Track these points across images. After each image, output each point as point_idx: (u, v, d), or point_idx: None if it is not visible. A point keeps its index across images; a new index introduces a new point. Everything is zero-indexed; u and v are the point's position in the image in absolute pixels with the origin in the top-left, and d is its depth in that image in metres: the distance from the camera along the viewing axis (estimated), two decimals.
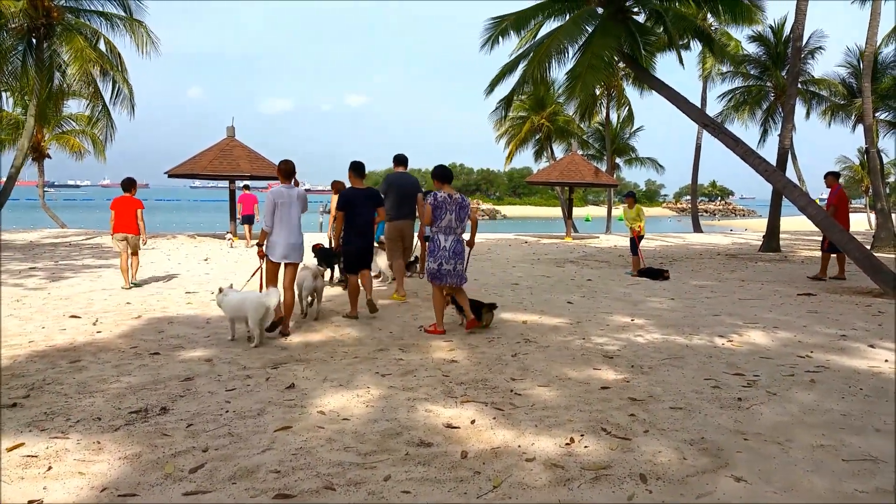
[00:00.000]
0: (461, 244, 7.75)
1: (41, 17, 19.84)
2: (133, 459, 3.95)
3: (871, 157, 23.30)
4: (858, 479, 3.68)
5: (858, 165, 47.49)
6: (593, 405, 4.98)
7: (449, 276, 7.63)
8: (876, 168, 23.26)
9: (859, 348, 6.91)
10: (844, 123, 34.07)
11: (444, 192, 7.71)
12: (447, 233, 7.61)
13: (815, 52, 32.01)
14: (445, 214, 7.58)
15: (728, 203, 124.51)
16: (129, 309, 9.07)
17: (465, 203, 7.80)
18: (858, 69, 29.23)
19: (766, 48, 32.26)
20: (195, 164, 21.85)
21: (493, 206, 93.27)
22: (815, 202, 13.37)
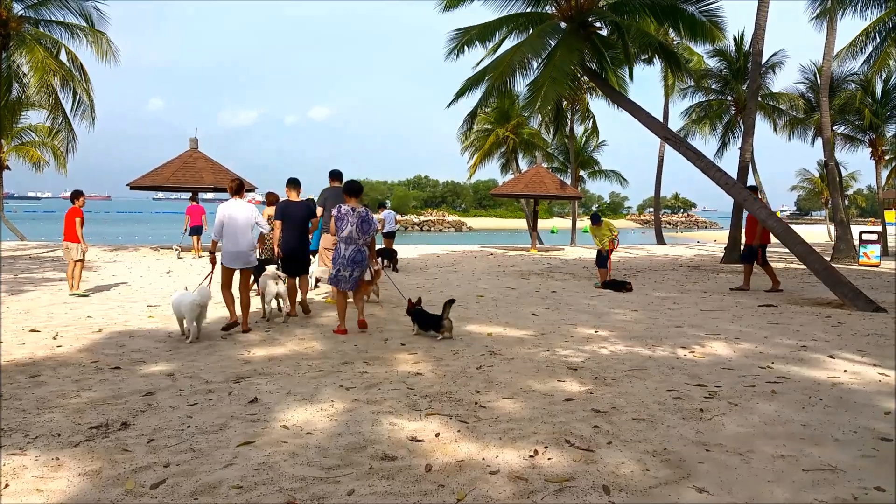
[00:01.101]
0: (361, 254, 8.43)
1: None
2: (93, 475, 3.86)
3: (829, 169, 23.93)
4: (818, 488, 3.74)
5: (818, 178, 48.63)
6: (557, 417, 5.01)
7: (343, 282, 8.41)
8: (835, 180, 23.87)
9: (819, 359, 7.05)
10: (803, 138, 34.95)
11: (350, 205, 8.41)
12: (347, 242, 8.35)
13: (775, 68, 32.80)
14: (346, 226, 8.28)
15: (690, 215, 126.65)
16: (89, 323, 8.89)
17: (368, 217, 8.48)
18: (816, 84, 30.01)
19: (727, 63, 32.97)
20: (157, 175, 21.58)
21: (458, 218, 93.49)
22: (776, 215, 13.68)
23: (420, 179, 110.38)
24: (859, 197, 72.07)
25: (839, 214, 23.52)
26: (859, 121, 31.04)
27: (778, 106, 34.88)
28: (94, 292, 11.89)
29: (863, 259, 20.82)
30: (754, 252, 13.40)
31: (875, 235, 21.21)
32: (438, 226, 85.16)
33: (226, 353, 7.16)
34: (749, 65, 24.08)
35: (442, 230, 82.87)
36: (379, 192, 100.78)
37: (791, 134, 34.88)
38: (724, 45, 31.81)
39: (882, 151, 32.37)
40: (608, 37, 16.71)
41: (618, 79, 20.53)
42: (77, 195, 11.94)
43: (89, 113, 21.56)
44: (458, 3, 17.22)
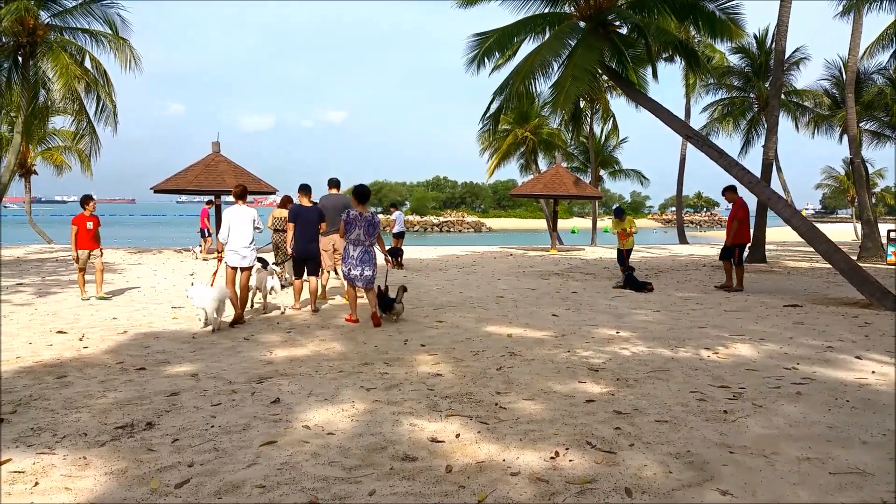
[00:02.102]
0: (368, 254, 9.14)
1: (26, 35, 19.81)
2: (119, 475, 3.92)
3: (855, 167, 23.56)
4: (845, 492, 3.69)
5: (844, 176, 47.96)
6: (578, 419, 4.99)
7: (357, 280, 9.11)
8: (861, 178, 23.50)
9: (846, 360, 6.96)
10: (828, 135, 34.48)
11: (357, 210, 9.07)
12: (355, 244, 9.04)
13: (798, 64, 32.41)
14: (354, 229, 8.98)
15: (713, 214, 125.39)
16: (115, 324, 9.01)
17: (374, 221, 9.13)
18: (841, 80, 29.60)
19: (749, 60, 32.63)
20: (181, 179, 21.79)
21: (478, 218, 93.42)
22: (800, 213, 13.51)
23: (439, 180, 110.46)
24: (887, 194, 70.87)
25: (866, 212, 23.17)
26: (886, 117, 30.54)
27: (802, 103, 34.46)
28: (118, 294, 12.04)
29: (891, 258, 20.49)
30: (731, 251, 13.35)
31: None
32: (457, 227, 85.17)
33: (248, 354, 7.23)
34: (771, 62, 23.82)
35: (461, 231, 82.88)
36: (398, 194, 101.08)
37: (815, 131, 34.44)
38: (746, 42, 31.51)
39: None
40: (628, 35, 16.60)
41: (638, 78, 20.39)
42: (86, 200, 11.59)
43: (112, 118, 21.84)
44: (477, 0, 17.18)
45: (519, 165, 39.38)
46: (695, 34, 29.98)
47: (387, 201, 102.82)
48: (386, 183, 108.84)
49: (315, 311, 10.20)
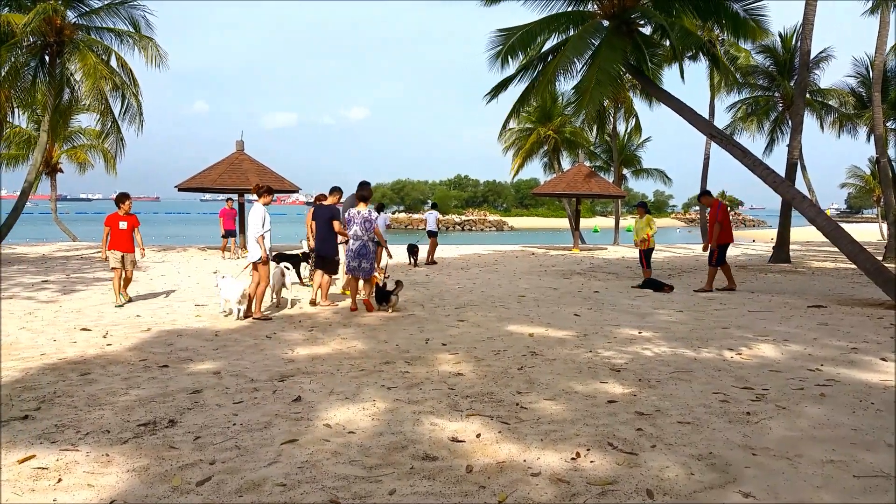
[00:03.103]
0: (366, 248, 10.19)
1: (53, 35, 20.11)
2: (141, 472, 3.96)
3: (882, 166, 23.18)
4: (869, 495, 3.64)
5: (869, 175, 47.17)
6: (600, 419, 4.97)
7: (355, 271, 10.22)
8: (887, 178, 23.12)
9: (871, 361, 6.85)
10: (853, 134, 33.97)
11: (357, 208, 10.33)
12: (354, 239, 10.21)
13: (822, 62, 31.97)
14: (353, 226, 10.22)
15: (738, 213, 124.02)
16: (138, 322, 9.12)
17: (370, 218, 10.28)
18: (868, 78, 29.14)
19: (773, 59, 32.25)
20: (205, 177, 22.02)
21: (500, 217, 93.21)
22: (825, 213, 13.32)
23: (461, 179, 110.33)
24: None
25: (892, 212, 22.76)
26: None
27: (826, 102, 33.99)
28: (142, 293, 12.16)
29: None
30: (712, 252, 13.07)
31: None
32: (480, 225, 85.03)
33: (270, 353, 7.28)
34: (797, 60, 23.52)
35: (483, 230, 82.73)
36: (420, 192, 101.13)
37: (841, 130, 33.95)
38: (771, 41, 31.12)
39: None
40: (651, 35, 16.49)
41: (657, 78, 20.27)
42: (121, 198, 10.94)
43: (138, 117, 22.09)
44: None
45: (542, 164, 39.24)
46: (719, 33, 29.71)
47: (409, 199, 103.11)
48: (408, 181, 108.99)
49: (313, 304, 10.83)
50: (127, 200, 10.95)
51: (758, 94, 34.24)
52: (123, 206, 10.90)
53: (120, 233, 10.73)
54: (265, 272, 9.61)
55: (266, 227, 9.53)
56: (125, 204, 10.92)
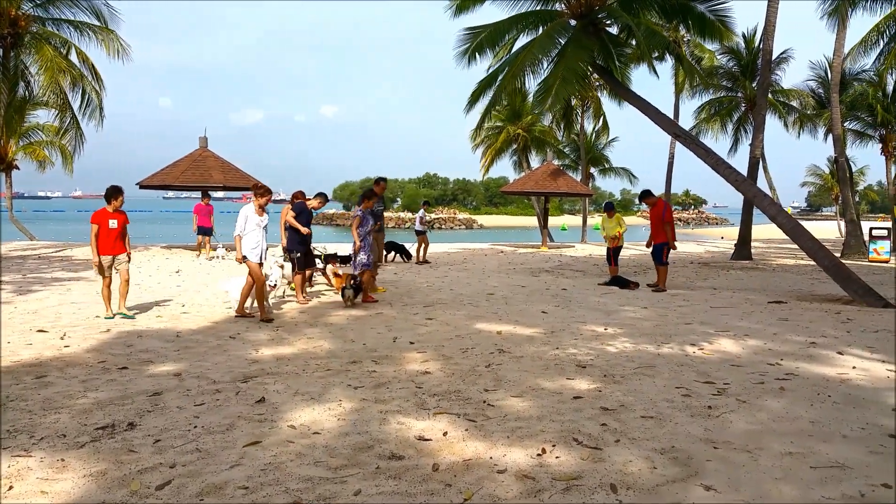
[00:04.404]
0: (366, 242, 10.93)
1: (7, 27, 19.49)
2: (98, 477, 3.87)
3: (840, 166, 23.75)
4: (826, 486, 3.71)
5: (828, 174, 48.27)
6: (565, 415, 4.99)
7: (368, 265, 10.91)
8: (845, 177, 23.70)
9: (828, 356, 6.99)
10: (813, 134, 34.77)
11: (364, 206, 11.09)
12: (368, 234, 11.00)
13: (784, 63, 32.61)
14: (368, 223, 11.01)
15: (701, 212, 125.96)
16: (97, 323, 8.92)
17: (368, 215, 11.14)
18: (827, 80, 29.81)
19: (737, 60, 32.80)
20: (167, 175, 21.66)
21: (469, 215, 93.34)
22: (786, 211, 13.57)
23: (430, 177, 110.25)
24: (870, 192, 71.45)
25: (849, 210, 23.35)
26: (870, 117, 30.82)
27: (788, 102, 34.71)
28: None
29: (873, 255, 20.68)
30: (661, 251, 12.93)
31: (885, 231, 21.06)
32: (449, 223, 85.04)
33: (234, 353, 7.17)
34: (759, 61, 23.93)
35: (453, 228, 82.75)
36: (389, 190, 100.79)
37: (801, 130, 34.71)
38: (735, 42, 31.64)
39: (893, 147, 32.10)
40: (618, 35, 16.65)
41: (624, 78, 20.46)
42: (112, 193, 9.44)
43: (98, 112, 21.56)
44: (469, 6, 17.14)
45: (512, 163, 39.45)
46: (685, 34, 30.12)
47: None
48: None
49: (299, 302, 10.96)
50: (119, 196, 9.50)
51: (721, 94, 34.81)
52: (115, 202, 9.44)
53: (109, 233, 9.41)
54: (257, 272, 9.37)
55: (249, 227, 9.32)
56: (117, 199, 9.46)
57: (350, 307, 10.34)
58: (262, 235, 9.47)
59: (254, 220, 9.38)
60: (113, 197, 9.42)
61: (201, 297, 11.51)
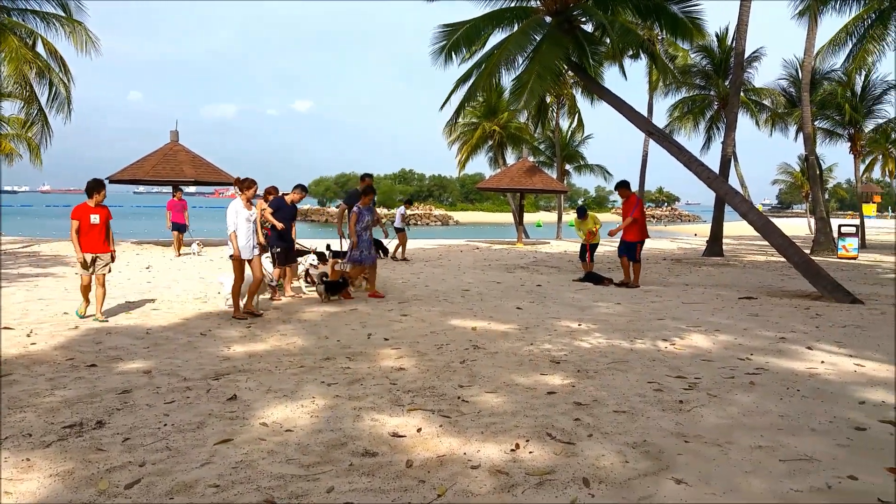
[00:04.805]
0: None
1: None
2: (65, 476, 3.80)
3: (810, 164, 24.13)
4: (794, 478, 3.76)
5: (799, 172, 49.02)
6: (539, 410, 5.00)
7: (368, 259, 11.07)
8: (815, 175, 24.07)
9: (798, 350, 7.10)
10: (784, 132, 35.26)
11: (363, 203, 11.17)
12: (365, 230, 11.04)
13: (756, 62, 33.02)
14: (365, 218, 11.01)
15: (674, 209, 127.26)
16: (65, 319, 8.77)
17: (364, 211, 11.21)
18: (798, 79, 30.24)
19: (710, 58, 33.14)
20: (138, 169, 21.34)
21: (445, 211, 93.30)
22: (757, 209, 13.75)
23: (405, 173, 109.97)
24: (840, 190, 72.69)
25: (819, 208, 23.75)
26: (839, 116, 31.32)
27: (760, 101, 35.16)
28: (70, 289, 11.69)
29: (841, 252, 21.05)
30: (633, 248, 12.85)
31: (853, 228, 21.44)
32: (425, 220, 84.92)
33: (205, 350, 7.09)
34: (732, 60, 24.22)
35: (429, 224, 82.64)
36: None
37: (773, 129, 35.18)
38: (708, 41, 31.96)
39: (861, 146, 32.68)
40: (592, 33, 16.74)
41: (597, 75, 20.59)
42: (95, 187, 8.85)
43: (66, 105, 21.14)
44: None
45: (488, 159, 39.49)
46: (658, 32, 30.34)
47: None
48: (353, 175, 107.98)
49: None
50: (102, 190, 8.90)
51: (694, 93, 35.15)
52: (97, 196, 8.85)
53: (91, 228, 8.81)
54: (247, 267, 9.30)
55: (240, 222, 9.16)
56: (99, 193, 8.87)
57: (326, 303, 10.31)
58: (251, 229, 9.38)
59: (243, 215, 9.23)
60: (95, 191, 8.84)
61: (172, 293, 11.37)
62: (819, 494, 3.56)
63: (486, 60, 16.04)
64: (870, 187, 32.18)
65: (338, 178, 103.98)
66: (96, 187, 8.85)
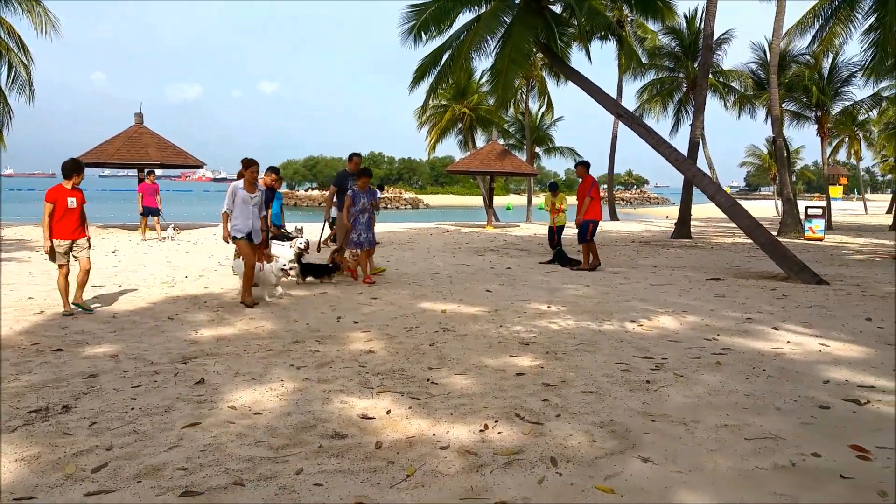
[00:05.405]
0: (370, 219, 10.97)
1: None
2: (31, 461, 3.75)
3: (777, 146, 24.45)
4: (759, 456, 3.84)
5: (766, 154, 49.70)
6: (508, 392, 5.04)
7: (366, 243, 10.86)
8: (782, 156, 24.41)
9: (763, 331, 7.23)
10: (752, 115, 35.69)
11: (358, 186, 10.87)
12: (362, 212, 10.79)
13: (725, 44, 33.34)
14: (360, 201, 10.74)
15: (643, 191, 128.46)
16: (30, 304, 8.62)
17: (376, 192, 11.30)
18: (766, 61, 30.58)
19: (679, 40, 33.35)
20: (102, 152, 20.92)
21: (415, 195, 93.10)
22: (724, 190, 13.92)
23: (375, 156, 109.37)
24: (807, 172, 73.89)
25: (786, 190, 24.12)
26: (806, 98, 31.78)
27: (728, 83, 35.51)
28: (36, 274, 11.49)
29: (808, 233, 21.43)
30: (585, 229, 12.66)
31: (820, 210, 21.84)
32: (395, 203, 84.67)
33: (172, 335, 7.01)
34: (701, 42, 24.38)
35: (399, 207, 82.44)
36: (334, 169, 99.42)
37: (741, 111, 35.58)
38: (677, 23, 32.16)
39: (828, 128, 33.23)
40: (561, 14, 16.73)
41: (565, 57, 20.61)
42: (73, 168, 8.11)
43: (28, 87, 20.64)
44: None
45: (458, 141, 39.44)
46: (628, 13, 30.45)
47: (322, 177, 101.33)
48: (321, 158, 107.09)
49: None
50: (81, 172, 8.18)
51: (664, 75, 35.39)
52: (75, 178, 8.11)
53: (68, 213, 8.07)
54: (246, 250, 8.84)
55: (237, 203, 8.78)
56: (78, 175, 8.14)
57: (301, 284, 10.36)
58: (252, 213, 8.90)
59: (241, 196, 8.80)
60: (74, 172, 8.07)
61: (138, 277, 11.22)
62: (783, 472, 3.64)
63: (458, 45, 15.96)
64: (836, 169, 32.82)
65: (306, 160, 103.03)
66: (75, 168, 8.09)
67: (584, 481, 3.52)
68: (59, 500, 3.32)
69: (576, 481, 3.52)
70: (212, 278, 11.14)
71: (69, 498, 3.33)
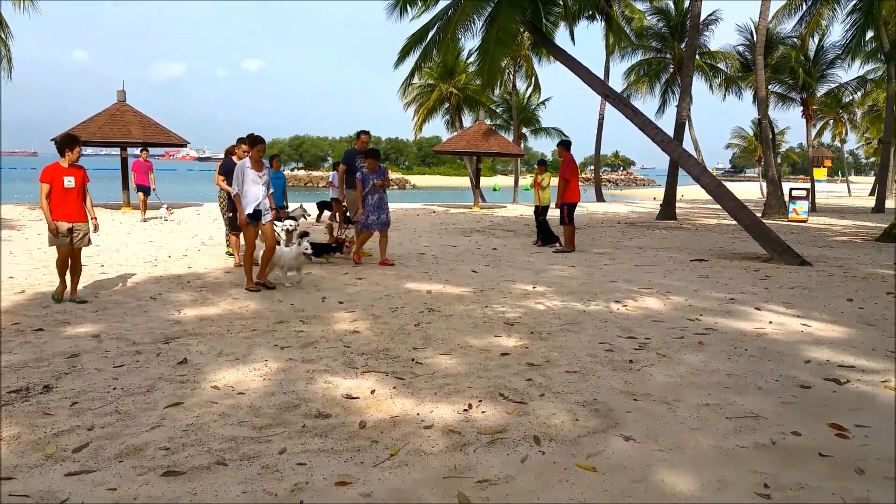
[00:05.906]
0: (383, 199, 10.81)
1: None
2: (11, 441, 3.72)
3: (763, 127, 24.52)
4: (740, 435, 3.88)
5: (752, 136, 49.84)
6: (492, 371, 5.05)
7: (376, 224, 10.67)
8: (767, 138, 24.49)
9: (746, 311, 7.28)
10: (739, 96, 35.75)
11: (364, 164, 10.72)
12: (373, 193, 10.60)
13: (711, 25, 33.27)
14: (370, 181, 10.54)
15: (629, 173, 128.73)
16: (11, 284, 8.52)
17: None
18: (753, 43, 30.56)
19: (666, 21, 33.25)
20: (83, 130, 20.56)
21: (402, 175, 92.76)
22: (709, 172, 13.96)
23: None
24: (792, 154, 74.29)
25: (771, 171, 24.23)
26: (792, 80, 31.85)
27: (715, 64, 35.49)
28: (16, 253, 11.35)
29: (792, 215, 21.56)
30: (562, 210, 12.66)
31: (804, 192, 21.94)
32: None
33: (155, 314, 6.96)
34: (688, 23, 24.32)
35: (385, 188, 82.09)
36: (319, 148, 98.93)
37: (726, 92, 35.62)
38: (664, 3, 32.04)
39: (813, 110, 33.36)
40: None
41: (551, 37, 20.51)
42: (68, 143, 7.44)
43: (7, 63, 20.30)
44: None
45: (445, 122, 39.23)
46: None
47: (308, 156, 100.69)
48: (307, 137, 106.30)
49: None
50: (76, 146, 7.46)
51: (650, 55, 35.30)
52: (70, 155, 7.40)
53: (66, 193, 7.39)
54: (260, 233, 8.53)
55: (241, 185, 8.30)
56: (73, 151, 7.42)
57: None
58: (262, 192, 8.44)
59: (250, 176, 8.35)
60: (68, 147, 7.38)
61: (121, 256, 11.13)
62: (764, 450, 3.68)
63: (443, 24, 15.82)
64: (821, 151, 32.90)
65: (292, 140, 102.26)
66: (69, 143, 7.40)
67: (566, 460, 3.54)
68: (40, 480, 3.29)
69: (558, 460, 3.54)
70: (195, 258, 11.07)
71: (49, 478, 3.31)
